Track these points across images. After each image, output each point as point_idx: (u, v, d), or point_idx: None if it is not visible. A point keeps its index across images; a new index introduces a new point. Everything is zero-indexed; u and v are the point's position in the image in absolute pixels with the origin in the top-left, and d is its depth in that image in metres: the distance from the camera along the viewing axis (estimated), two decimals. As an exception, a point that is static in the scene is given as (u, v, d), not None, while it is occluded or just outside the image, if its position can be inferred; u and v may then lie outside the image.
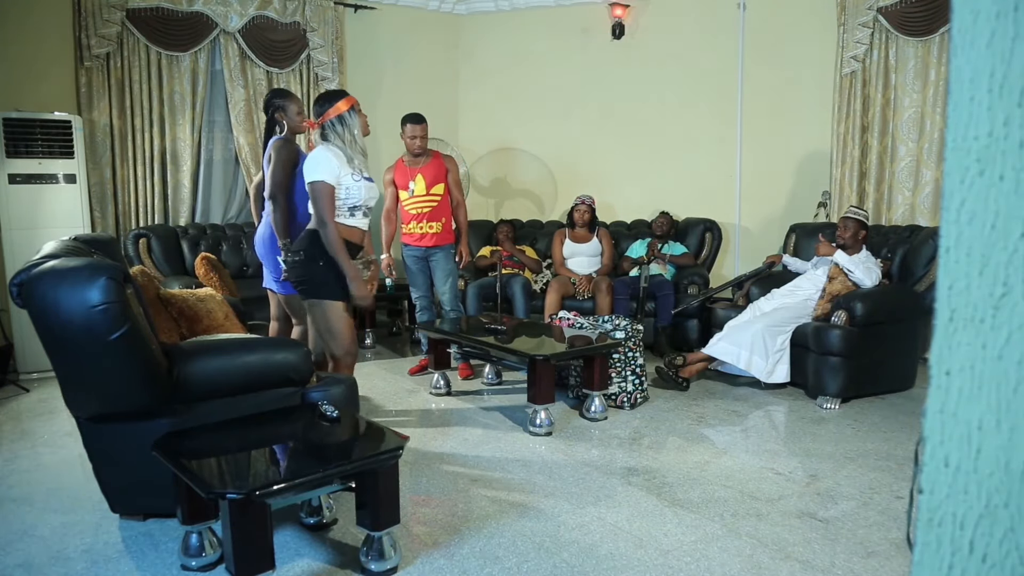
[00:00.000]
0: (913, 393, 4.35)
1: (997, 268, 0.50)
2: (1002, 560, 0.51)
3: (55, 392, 3.56)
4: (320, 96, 3.18)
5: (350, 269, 3.00)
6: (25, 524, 2.71)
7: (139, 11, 5.29)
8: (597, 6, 6.31)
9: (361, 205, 3.07)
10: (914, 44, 5.27)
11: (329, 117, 3.07)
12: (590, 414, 3.88)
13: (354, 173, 3.03)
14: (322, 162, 2.97)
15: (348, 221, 3.06)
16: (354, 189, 3.02)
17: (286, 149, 3.52)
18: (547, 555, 2.45)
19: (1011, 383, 0.50)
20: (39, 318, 2.31)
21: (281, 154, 3.49)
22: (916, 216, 5.34)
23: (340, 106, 3.07)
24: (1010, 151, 0.49)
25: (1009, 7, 0.49)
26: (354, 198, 3.03)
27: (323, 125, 3.08)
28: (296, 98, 3.75)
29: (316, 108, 3.13)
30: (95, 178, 5.27)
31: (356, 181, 3.02)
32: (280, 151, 3.50)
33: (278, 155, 3.49)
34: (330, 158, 2.98)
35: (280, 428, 2.58)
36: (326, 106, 3.08)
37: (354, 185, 3.02)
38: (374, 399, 4.31)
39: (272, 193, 3.46)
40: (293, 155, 3.55)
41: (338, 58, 6.06)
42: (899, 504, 2.83)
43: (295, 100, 3.71)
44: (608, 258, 5.58)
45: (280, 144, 3.53)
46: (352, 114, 3.08)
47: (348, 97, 3.11)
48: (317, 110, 3.11)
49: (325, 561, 2.44)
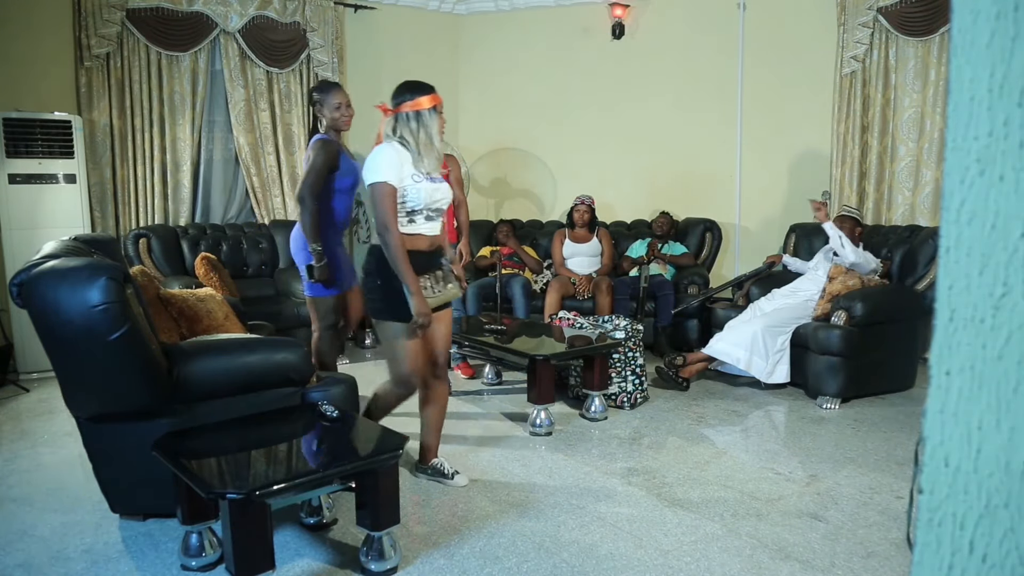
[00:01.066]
0: (913, 393, 4.35)
1: (997, 268, 0.50)
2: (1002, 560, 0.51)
3: (55, 392, 3.56)
4: (402, 85, 2.81)
5: (411, 283, 2.64)
6: (25, 524, 2.71)
7: (139, 11, 5.29)
8: (597, 6, 6.31)
9: (422, 208, 2.73)
10: (914, 44, 5.27)
11: (405, 109, 2.73)
12: (590, 414, 3.88)
13: (416, 174, 2.70)
14: (383, 161, 2.65)
15: (408, 228, 2.72)
16: (412, 191, 2.68)
17: (324, 150, 3.28)
18: (547, 555, 2.45)
19: (1011, 383, 0.50)
20: (39, 318, 2.31)
21: (318, 156, 3.27)
22: (916, 216, 5.34)
23: (422, 102, 2.73)
24: (1010, 151, 0.49)
25: (1009, 7, 0.49)
26: (412, 201, 2.70)
27: (396, 117, 2.75)
28: (338, 90, 3.49)
29: (395, 96, 2.78)
30: (95, 178, 5.26)
31: (416, 182, 2.69)
32: (318, 152, 3.28)
33: (315, 156, 3.28)
34: (391, 156, 2.66)
35: (280, 428, 2.58)
36: (406, 97, 2.74)
37: (413, 187, 2.68)
38: (374, 399, 4.31)
39: (300, 194, 3.25)
40: (331, 157, 3.32)
41: (338, 58, 6.06)
42: (899, 504, 2.83)
43: (336, 92, 3.44)
44: (608, 258, 5.58)
45: (319, 145, 3.31)
46: (432, 114, 2.74)
47: (433, 94, 2.77)
48: (396, 99, 2.77)
49: (325, 561, 2.45)
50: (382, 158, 2.66)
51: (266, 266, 5.58)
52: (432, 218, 2.79)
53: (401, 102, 2.74)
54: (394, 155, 2.67)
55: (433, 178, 2.76)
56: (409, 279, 2.64)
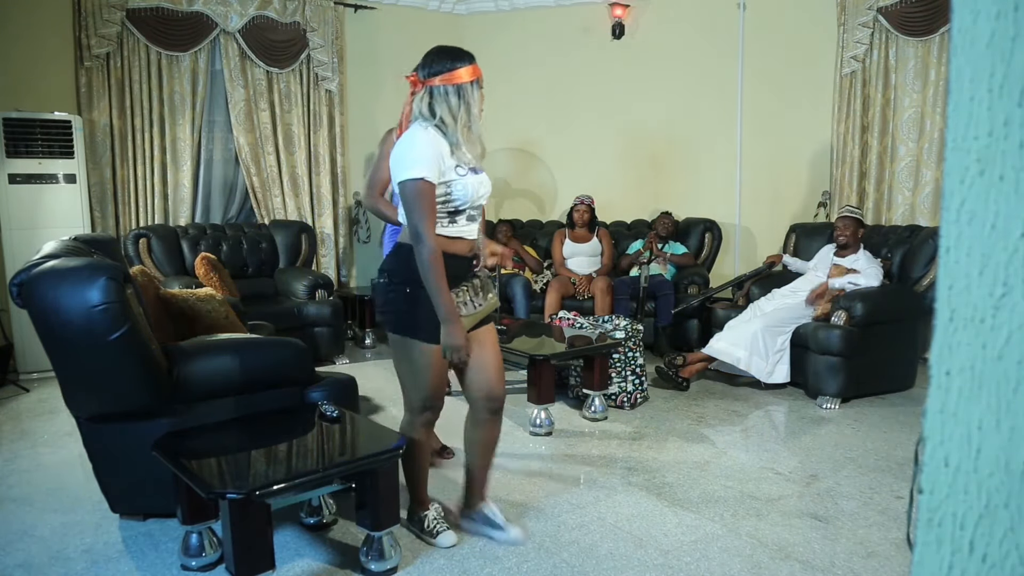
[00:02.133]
0: (913, 393, 4.35)
1: (997, 268, 0.50)
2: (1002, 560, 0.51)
3: (55, 392, 3.56)
4: (438, 50, 2.23)
5: (446, 308, 2.15)
6: (25, 524, 2.70)
7: (139, 11, 5.29)
8: (597, 6, 6.31)
9: (465, 208, 2.24)
10: (914, 44, 5.27)
11: (439, 82, 2.18)
12: (590, 414, 3.88)
13: (459, 166, 2.19)
14: (418, 151, 2.13)
15: (448, 230, 2.24)
16: (458, 186, 2.19)
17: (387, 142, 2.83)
18: (547, 555, 2.45)
19: (1011, 383, 0.50)
20: (39, 318, 2.31)
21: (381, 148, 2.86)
22: (916, 216, 5.34)
23: (461, 74, 2.18)
24: (1010, 151, 0.49)
25: (1009, 7, 0.49)
26: (458, 199, 2.20)
27: (431, 91, 2.20)
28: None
29: (427, 65, 2.22)
30: (95, 178, 5.27)
31: (461, 176, 2.19)
32: (381, 145, 2.90)
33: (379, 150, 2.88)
34: (425, 144, 2.13)
35: (280, 428, 2.58)
36: (444, 66, 2.19)
37: (458, 181, 2.19)
38: (374, 399, 4.31)
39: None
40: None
41: (338, 58, 6.07)
42: (899, 504, 2.83)
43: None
44: (608, 258, 5.58)
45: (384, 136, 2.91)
46: (475, 88, 2.21)
47: (474, 65, 2.21)
48: (429, 68, 2.20)
49: (325, 561, 2.44)
50: (416, 147, 2.13)
51: (266, 266, 5.58)
52: (474, 217, 2.32)
53: (436, 72, 2.19)
54: (427, 143, 2.14)
55: (476, 169, 2.27)
56: (445, 302, 2.14)
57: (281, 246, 5.65)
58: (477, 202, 2.28)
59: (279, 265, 5.62)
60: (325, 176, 6.14)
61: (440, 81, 2.17)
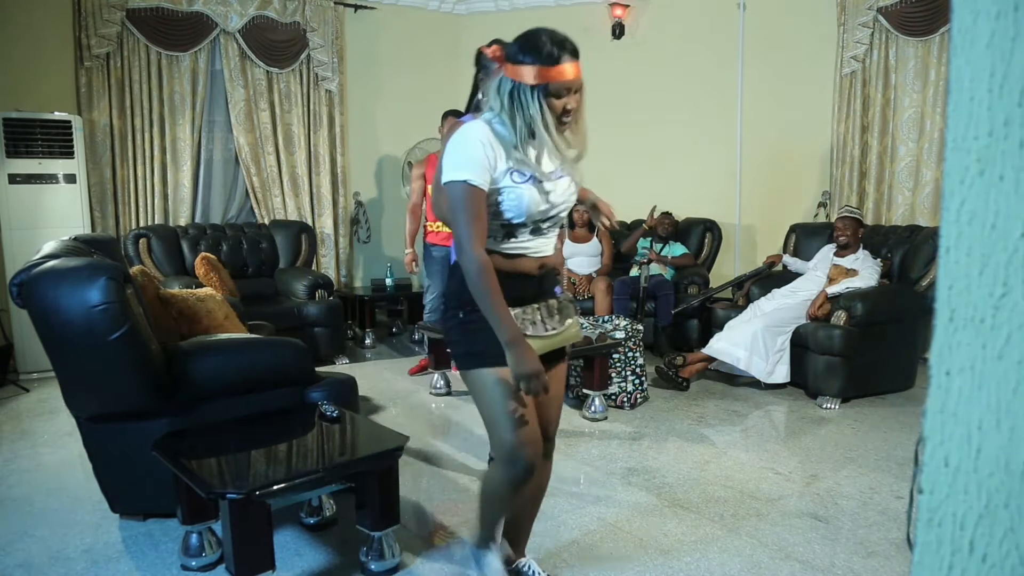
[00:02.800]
0: (913, 393, 4.35)
1: (997, 268, 0.50)
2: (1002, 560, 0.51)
3: (55, 392, 3.56)
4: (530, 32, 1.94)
5: (504, 323, 1.79)
6: (25, 524, 2.70)
7: (139, 11, 5.29)
8: (597, 6, 6.31)
9: (525, 220, 1.88)
10: (914, 44, 5.27)
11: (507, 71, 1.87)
12: (590, 414, 3.88)
13: (517, 171, 1.84)
14: (461, 148, 1.83)
15: (506, 245, 1.90)
16: (510, 196, 1.84)
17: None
18: (547, 555, 2.45)
19: (1011, 383, 0.50)
20: (39, 318, 2.31)
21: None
22: (916, 216, 5.35)
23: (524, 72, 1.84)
24: (1010, 151, 0.49)
25: (1009, 7, 0.49)
26: (508, 211, 1.85)
27: (500, 77, 1.88)
28: None
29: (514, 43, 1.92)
30: (95, 178, 5.27)
31: (516, 184, 1.84)
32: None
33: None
34: (475, 143, 1.82)
35: (280, 428, 2.58)
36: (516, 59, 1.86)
37: (511, 189, 1.84)
38: (374, 399, 4.31)
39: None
40: None
41: (338, 58, 6.07)
42: (899, 504, 2.83)
43: None
44: (608, 258, 5.58)
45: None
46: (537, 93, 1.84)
47: (541, 67, 1.85)
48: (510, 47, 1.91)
49: (325, 561, 2.44)
50: (465, 145, 1.83)
51: (266, 266, 5.58)
52: (542, 231, 1.95)
53: (509, 57, 1.88)
54: (482, 142, 1.82)
55: (544, 177, 1.88)
56: (503, 319, 1.79)
57: (281, 246, 5.65)
58: (544, 215, 1.91)
59: (279, 265, 5.62)
60: (325, 176, 6.14)
61: (508, 72, 1.86)
